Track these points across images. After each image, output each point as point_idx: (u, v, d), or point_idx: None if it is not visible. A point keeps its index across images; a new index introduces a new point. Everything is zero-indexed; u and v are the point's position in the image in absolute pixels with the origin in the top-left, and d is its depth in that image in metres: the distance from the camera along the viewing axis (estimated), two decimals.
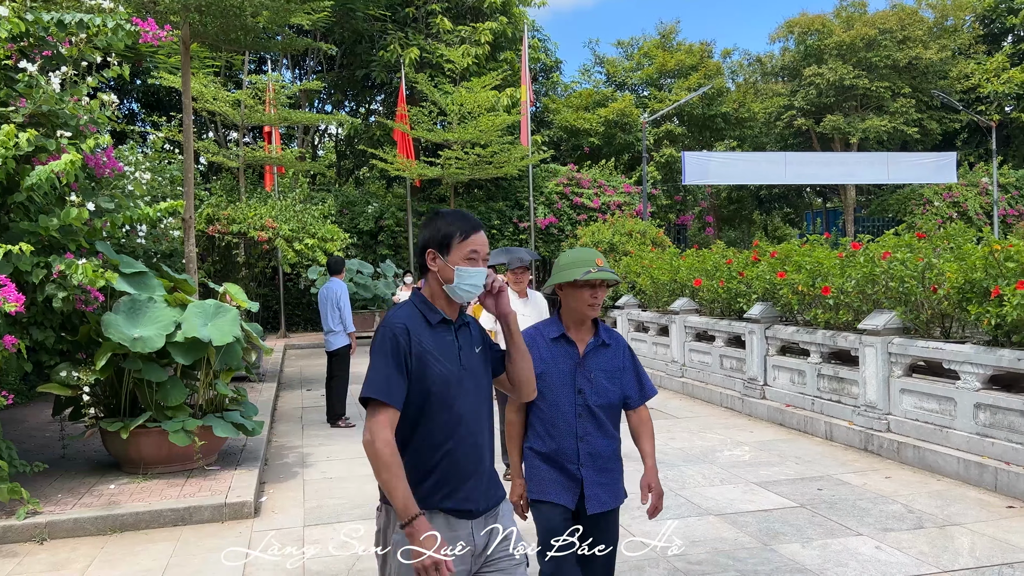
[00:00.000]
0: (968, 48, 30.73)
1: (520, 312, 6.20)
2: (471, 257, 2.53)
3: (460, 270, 2.51)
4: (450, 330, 2.57)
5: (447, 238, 2.54)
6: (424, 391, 2.47)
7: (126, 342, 6.12)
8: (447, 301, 2.58)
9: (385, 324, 2.51)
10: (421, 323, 2.52)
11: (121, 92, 24.76)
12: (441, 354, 2.49)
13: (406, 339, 2.45)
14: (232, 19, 9.16)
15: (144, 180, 8.37)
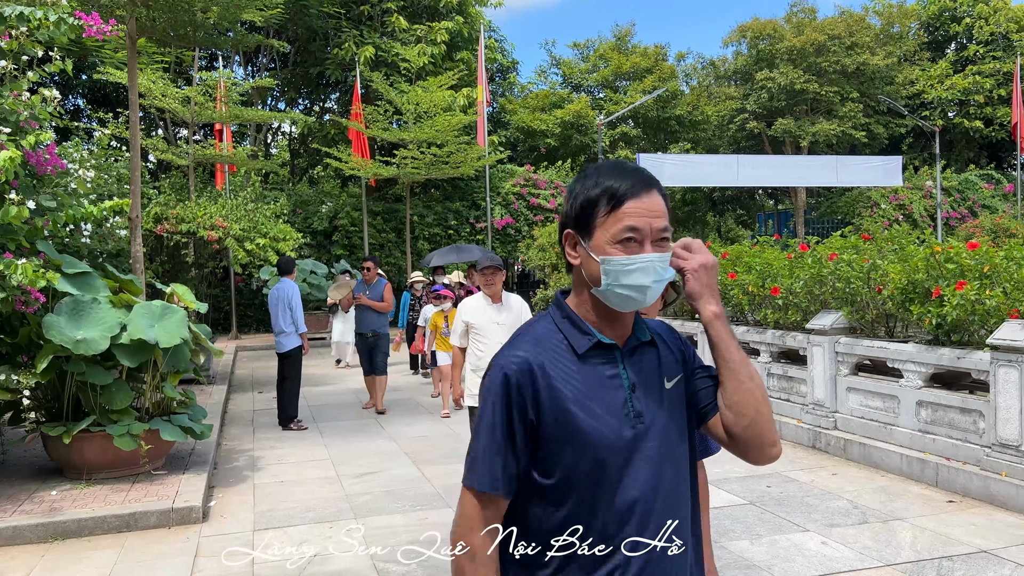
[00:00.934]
0: (913, 55, 31.58)
1: (494, 320, 5.53)
2: (628, 238, 1.57)
3: (610, 262, 1.57)
4: (613, 360, 1.63)
5: (587, 209, 1.61)
6: (568, 466, 1.57)
7: (68, 344, 5.96)
8: (604, 314, 1.64)
9: (498, 359, 1.65)
10: (561, 353, 1.61)
11: (66, 87, 24.10)
12: (596, 402, 1.58)
13: (530, 386, 1.57)
14: (181, 14, 8.98)
15: (88, 178, 8.14)
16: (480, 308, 5.58)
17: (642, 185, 1.59)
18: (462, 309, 5.65)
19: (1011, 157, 32.41)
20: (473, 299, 5.67)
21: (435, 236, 22.29)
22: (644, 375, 1.65)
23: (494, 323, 5.53)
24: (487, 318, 5.54)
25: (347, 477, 6.89)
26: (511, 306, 5.69)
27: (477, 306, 5.59)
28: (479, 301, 5.60)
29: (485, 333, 5.52)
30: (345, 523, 5.67)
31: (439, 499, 6.20)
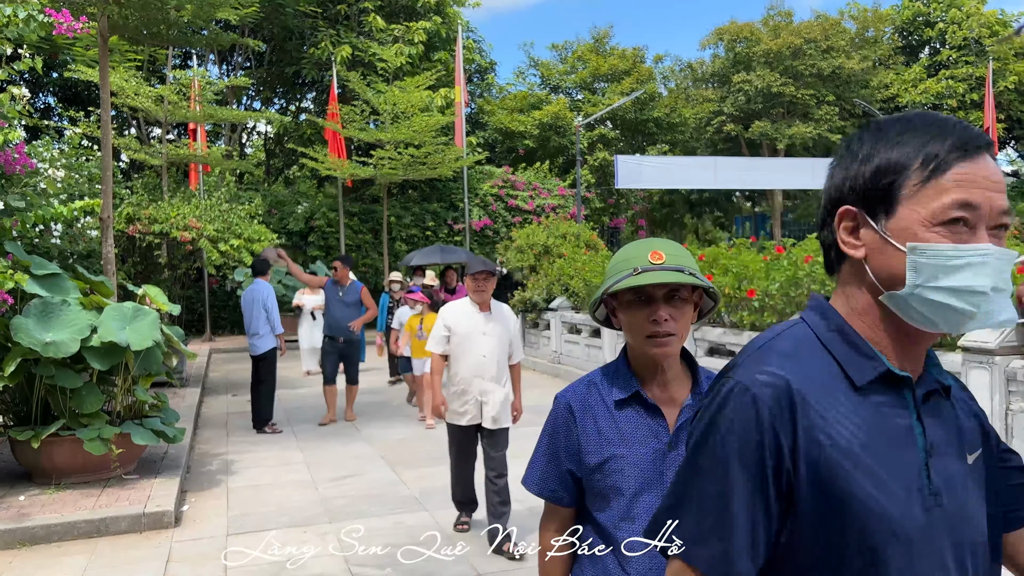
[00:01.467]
0: (888, 59, 31.97)
1: (480, 329, 5.17)
2: (957, 218, 1.06)
3: (927, 251, 1.06)
4: (903, 404, 1.11)
5: (887, 174, 1.11)
6: (821, 555, 1.07)
7: (37, 347, 5.84)
8: (895, 333, 1.13)
9: (737, 374, 1.12)
10: (829, 382, 1.10)
11: (36, 86, 23.74)
12: (879, 461, 1.07)
13: (788, 421, 1.06)
14: (154, 12, 8.86)
15: (59, 177, 8.02)
16: (466, 315, 5.20)
17: (976, 144, 1.09)
18: (445, 314, 5.29)
19: None
20: (459, 304, 5.29)
21: (412, 237, 22.21)
22: (942, 435, 1.13)
23: (480, 333, 5.16)
24: (472, 326, 5.17)
25: (322, 481, 6.83)
26: (501, 316, 5.26)
27: (462, 312, 5.22)
28: (465, 307, 5.23)
29: (467, 344, 5.16)
30: (320, 527, 5.61)
31: (415, 503, 6.15)
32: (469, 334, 5.17)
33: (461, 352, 5.19)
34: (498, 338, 5.18)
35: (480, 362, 5.13)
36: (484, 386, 5.14)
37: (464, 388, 5.16)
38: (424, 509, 5.96)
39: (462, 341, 5.18)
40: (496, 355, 5.18)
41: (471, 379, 5.13)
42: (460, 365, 5.17)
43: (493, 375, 5.16)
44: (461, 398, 5.18)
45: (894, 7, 33.55)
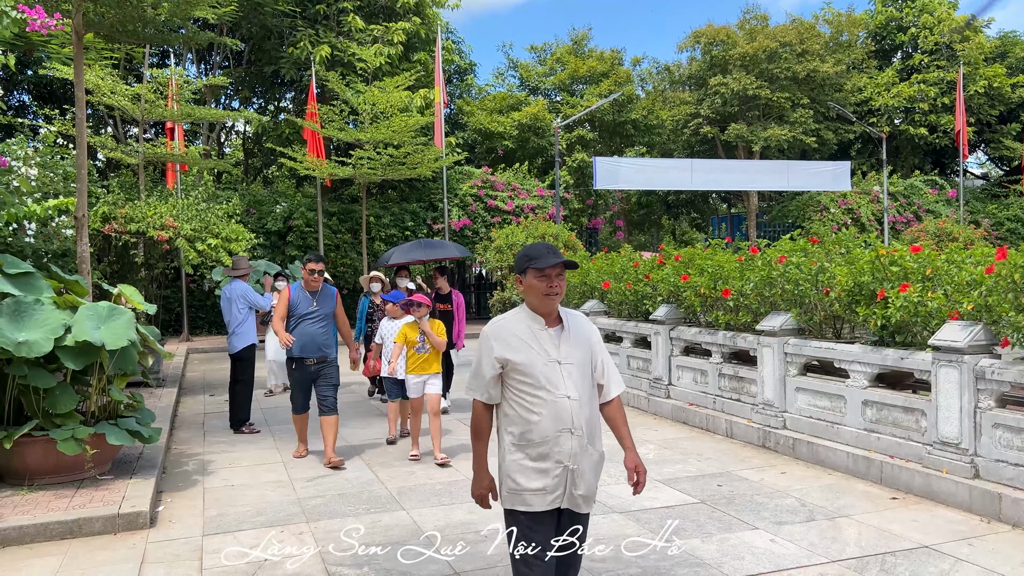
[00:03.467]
0: (861, 63, 32.35)
1: (553, 356, 3.31)
2: None
3: None
4: None
5: None
6: None
7: (9, 346, 5.79)
8: None
9: None
10: None
11: (10, 83, 23.43)
12: None
13: None
14: (130, 9, 8.80)
15: (32, 176, 7.95)
16: (526, 334, 3.31)
17: None
18: (491, 333, 3.35)
19: (954, 164, 33.43)
20: (510, 319, 3.37)
21: (392, 237, 22.17)
22: None
23: (554, 362, 3.27)
24: (540, 352, 3.28)
25: (299, 481, 6.82)
26: (579, 331, 3.40)
27: (519, 331, 3.32)
28: (522, 321, 3.34)
29: (536, 380, 3.25)
30: (297, 527, 5.61)
31: (393, 502, 6.17)
32: (535, 364, 3.25)
33: (530, 395, 3.26)
34: (580, 366, 3.32)
35: (565, 408, 3.24)
36: (574, 446, 3.27)
37: (545, 452, 3.26)
38: (401, 508, 5.98)
39: (526, 377, 3.26)
40: (585, 393, 3.32)
41: (555, 436, 3.25)
42: (532, 416, 3.26)
43: (586, 426, 3.30)
44: (538, 466, 3.27)
45: (868, 12, 33.96)
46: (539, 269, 3.26)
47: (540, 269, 3.26)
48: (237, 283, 9.10)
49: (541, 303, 3.30)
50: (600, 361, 3.43)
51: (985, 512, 5.53)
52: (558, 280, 3.30)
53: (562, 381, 3.25)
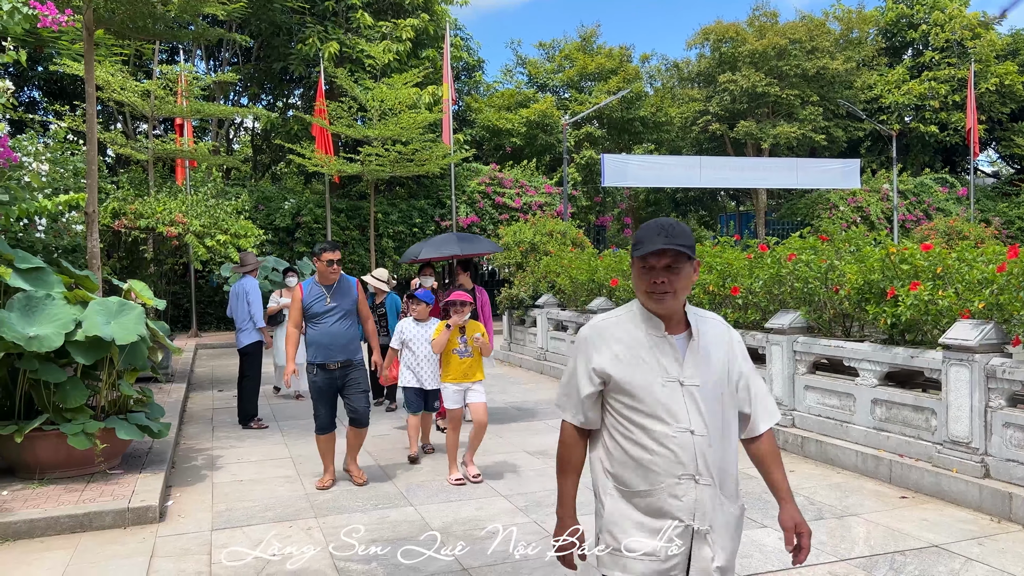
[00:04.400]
0: (871, 60, 32.18)
1: (671, 376, 2.41)
2: None
3: None
4: None
5: None
6: None
7: (21, 341, 5.82)
8: None
9: None
10: None
11: (20, 79, 23.54)
12: None
13: None
14: (140, 6, 8.82)
15: (43, 171, 7.98)
16: (640, 342, 2.45)
17: None
18: (590, 336, 2.52)
19: (965, 162, 33.23)
20: (618, 319, 2.51)
21: (400, 234, 22.19)
22: None
23: (672, 382, 2.42)
24: (659, 368, 2.42)
25: (308, 476, 6.84)
26: (710, 341, 2.49)
27: (630, 337, 2.46)
28: (631, 323, 2.48)
29: (656, 407, 2.40)
30: (305, 522, 5.62)
31: (401, 497, 6.18)
32: (647, 384, 2.40)
33: (638, 427, 2.42)
34: (713, 388, 2.42)
35: (687, 446, 2.39)
36: (701, 499, 2.39)
37: (658, 505, 2.41)
38: (409, 504, 5.99)
39: (634, 401, 2.42)
40: (717, 425, 2.43)
41: (673, 485, 2.39)
42: (641, 454, 2.41)
43: (717, 471, 2.42)
44: (650, 523, 2.43)
45: (878, 9, 33.77)
46: (640, 257, 2.39)
47: (642, 257, 2.38)
48: (247, 279, 9.12)
49: (648, 303, 2.44)
50: (743, 381, 2.52)
51: (995, 512, 5.50)
52: (668, 275, 2.37)
53: (685, 409, 2.37)
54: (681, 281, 2.40)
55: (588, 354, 2.50)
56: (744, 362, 2.56)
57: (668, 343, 2.44)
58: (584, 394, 2.51)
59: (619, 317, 2.52)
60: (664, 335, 2.44)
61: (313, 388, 6.40)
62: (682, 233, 2.39)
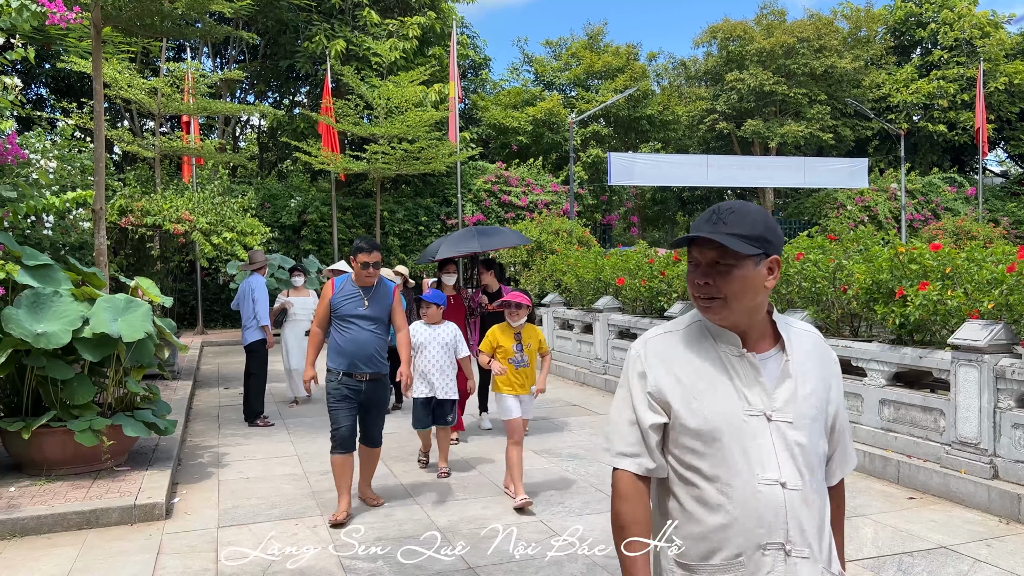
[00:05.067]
0: (880, 59, 32.08)
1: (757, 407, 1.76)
2: None
3: None
4: None
5: None
6: None
7: (28, 338, 5.83)
8: None
9: None
10: None
11: (28, 76, 23.61)
12: None
13: None
14: (148, 3, 8.83)
15: (51, 168, 8.00)
16: (710, 362, 1.88)
17: None
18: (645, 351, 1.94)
19: (973, 161, 33.10)
20: (680, 330, 1.95)
21: (406, 232, 22.21)
22: None
23: (760, 416, 1.84)
24: (736, 397, 1.86)
25: (313, 474, 6.84)
26: (808, 359, 1.91)
27: (697, 354, 1.89)
28: (698, 336, 1.92)
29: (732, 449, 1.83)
30: (311, 519, 5.62)
31: (406, 495, 6.17)
32: (722, 419, 1.83)
33: (707, 476, 1.84)
34: (810, 425, 1.85)
35: (775, 503, 1.80)
36: (794, 574, 1.82)
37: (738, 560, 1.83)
38: (415, 503, 5.99)
39: (702, 442, 1.84)
40: (815, 474, 1.87)
41: (754, 556, 1.82)
42: (709, 517, 1.84)
43: (815, 538, 1.85)
44: None
45: (887, 7, 33.66)
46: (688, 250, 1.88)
47: (687, 250, 1.88)
48: (254, 277, 9.13)
49: (700, 312, 1.90)
50: (836, 417, 1.95)
51: (1004, 513, 5.47)
52: (714, 276, 1.80)
53: (773, 453, 1.78)
54: (734, 285, 1.78)
55: (642, 373, 1.90)
56: (840, 387, 1.97)
57: (749, 364, 1.83)
58: (646, 425, 1.86)
59: (682, 329, 1.93)
60: (743, 353, 1.84)
61: (335, 395, 5.54)
62: (741, 219, 1.80)
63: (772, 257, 1.82)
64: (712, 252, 1.80)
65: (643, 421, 1.87)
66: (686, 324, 1.94)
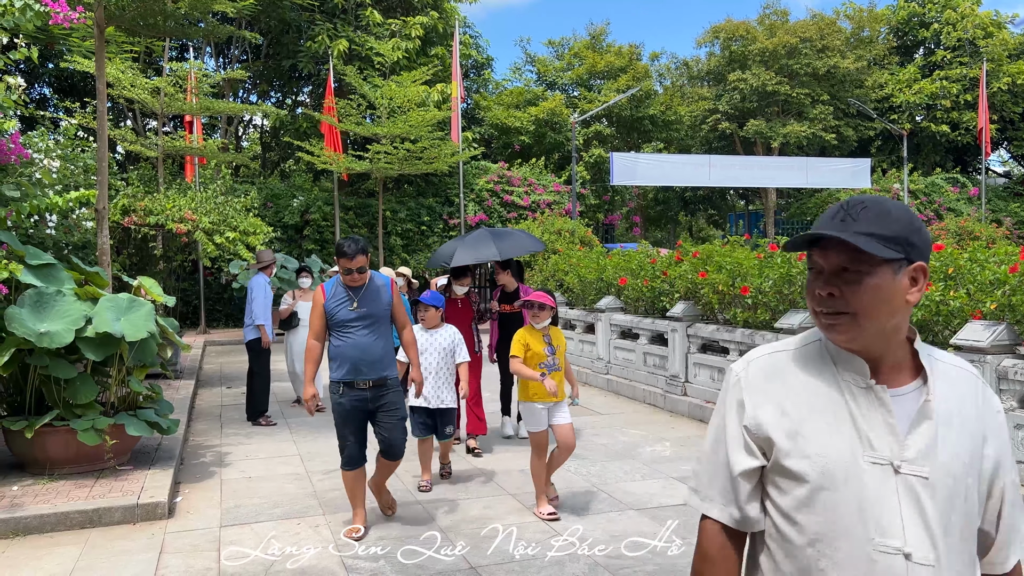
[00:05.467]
0: (882, 59, 32.06)
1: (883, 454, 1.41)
2: None
3: None
4: None
5: None
6: None
7: (31, 337, 5.85)
8: None
9: None
10: None
11: (31, 76, 23.65)
12: None
13: None
14: (151, 3, 8.84)
15: (54, 168, 8.01)
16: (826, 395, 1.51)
17: None
18: (746, 376, 1.59)
19: (976, 161, 33.05)
20: (791, 353, 1.59)
21: (408, 232, 22.22)
22: None
23: (886, 465, 1.45)
24: (859, 439, 1.47)
25: (316, 473, 6.85)
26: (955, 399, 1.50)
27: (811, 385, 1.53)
28: (815, 360, 1.56)
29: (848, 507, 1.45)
30: (313, 519, 5.63)
31: (409, 495, 6.18)
32: (840, 468, 1.44)
33: (812, 538, 1.46)
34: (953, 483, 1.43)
35: None
36: None
37: None
38: (417, 503, 5.99)
39: (807, 492, 1.46)
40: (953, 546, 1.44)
41: None
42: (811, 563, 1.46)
43: None
44: None
45: (889, 7, 33.63)
46: (807, 253, 1.56)
47: (807, 253, 1.56)
48: (258, 276, 9.14)
49: (822, 330, 1.54)
50: (997, 475, 1.52)
51: None
52: (840, 286, 1.47)
53: (899, 515, 1.43)
54: (865, 297, 1.43)
55: (739, 404, 1.56)
56: (1003, 443, 1.54)
57: (877, 399, 1.47)
58: (737, 472, 1.54)
59: (795, 349, 1.60)
60: (870, 384, 1.47)
61: (338, 411, 5.16)
62: (878, 216, 1.44)
63: (916, 264, 1.45)
64: (839, 256, 1.46)
65: (734, 466, 1.54)
66: (801, 343, 1.60)
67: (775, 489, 1.51)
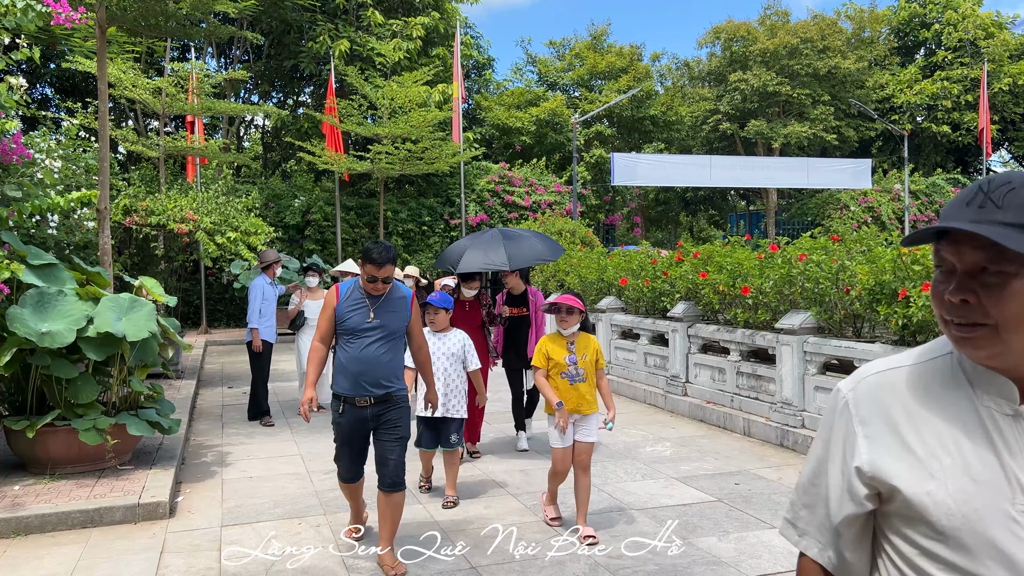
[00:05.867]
0: (883, 59, 32.05)
1: None
2: None
3: None
4: None
5: None
6: None
7: (33, 337, 5.86)
8: None
9: None
10: None
11: (33, 76, 23.68)
12: None
13: None
14: (152, 3, 8.85)
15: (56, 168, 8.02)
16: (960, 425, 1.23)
17: None
18: (857, 401, 1.32)
19: (977, 162, 33.03)
20: (914, 371, 1.31)
21: (409, 232, 22.23)
22: None
23: None
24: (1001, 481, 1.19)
25: (317, 473, 6.86)
26: None
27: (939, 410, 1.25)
28: (943, 380, 1.27)
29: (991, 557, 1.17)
30: (314, 519, 5.64)
31: (409, 495, 6.18)
32: (981, 520, 1.17)
33: None
34: None
35: None
36: None
37: None
38: (418, 502, 6.00)
39: (941, 540, 1.20)
40: None
41: None
42: None
43: None
44: None
45: (890, 8, 33.63)
46: (934, 249, 1.24)
47: (935, 248, 1.24)
48: (258, 277, 9.15)
49: (953, 343, 1.24)
50: None
51: None
52: (977, 286, 1.17)
53: None
54: (1012, 305, 1.14)
55: (850, 435, 1.31)
56: None
57: (1020, 430, 1.20)
58: (840, 517, 1.31)
59: (916, 364, 1.32)
60: (1018, 411, 1.20)
61: (336, 431, 4.77)
62: (1020, 203, 1.13)
63: None
64: (976, 253, 1.16)
65: (835, 513, 1.31)
66: (923, 357, 1.31)
67: (898, 536, 1.26)
